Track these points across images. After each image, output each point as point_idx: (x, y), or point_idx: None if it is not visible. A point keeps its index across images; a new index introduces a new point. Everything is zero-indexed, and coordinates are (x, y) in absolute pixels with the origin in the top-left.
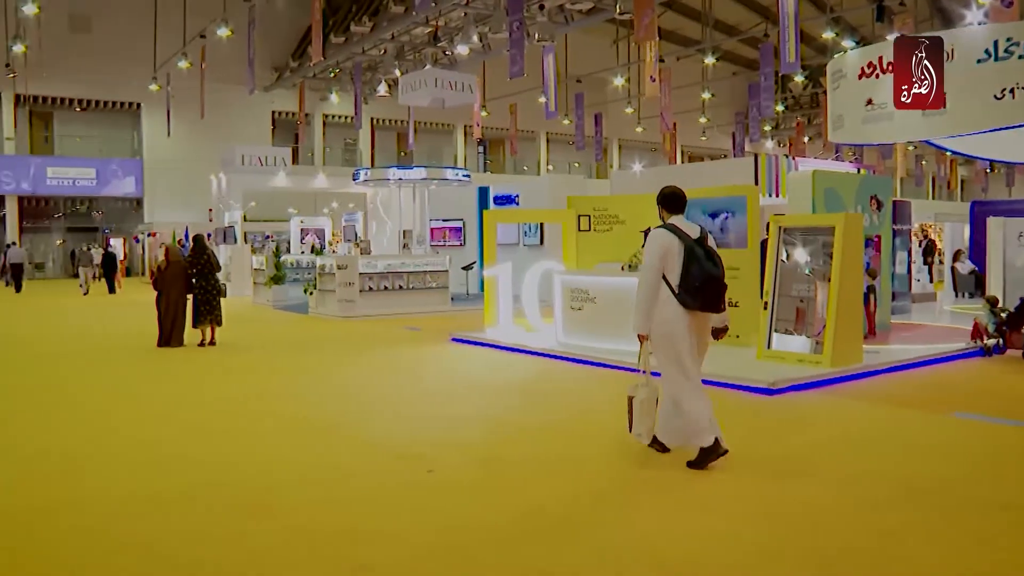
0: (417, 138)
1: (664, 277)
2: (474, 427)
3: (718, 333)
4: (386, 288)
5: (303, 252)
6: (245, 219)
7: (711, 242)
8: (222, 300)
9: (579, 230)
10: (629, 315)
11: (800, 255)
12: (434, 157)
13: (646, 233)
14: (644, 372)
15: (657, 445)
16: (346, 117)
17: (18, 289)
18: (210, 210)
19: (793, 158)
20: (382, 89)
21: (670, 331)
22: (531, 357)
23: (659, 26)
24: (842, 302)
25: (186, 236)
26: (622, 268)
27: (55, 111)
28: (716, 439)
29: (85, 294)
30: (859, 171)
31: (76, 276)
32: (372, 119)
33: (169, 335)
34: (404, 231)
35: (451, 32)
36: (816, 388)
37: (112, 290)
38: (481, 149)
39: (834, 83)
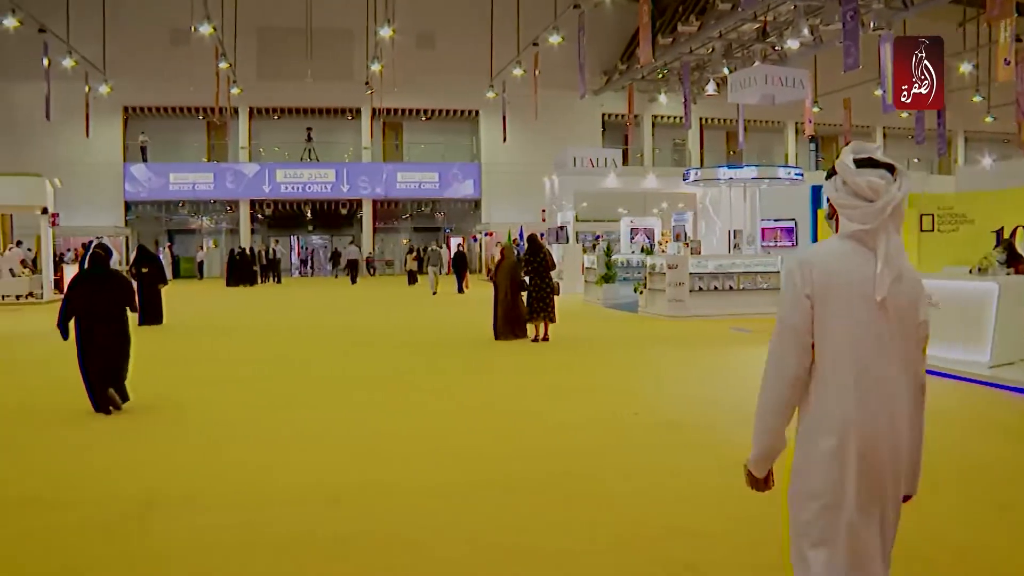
0: (747, 137)
1: None
2: None
3: None
4: (716, 288)
5: (632, 251)
6: (577, 219)
7: None
8: (555, 298)
9: (921, 230)
10: (977, 324)
11: None
12: (764, 156)
13: (998, 234)
14: None
15: None
16: (675, 117)
17: (353, 281)
18: (543, 210)
19: None
20: (711, 88)
21: None
22: None
23: (1017, 1)
24: None
25: (520, 236)
26: (970, 271)
27: (404, 121)
28: None
29: (434, 294)
30: None
31: (422, 274)
32: (701, 119)
33: (504, 328)
34: (734, 231)
35: (780, 27)
36: None
37: (461, 289)
38: (813, 147)
39: None
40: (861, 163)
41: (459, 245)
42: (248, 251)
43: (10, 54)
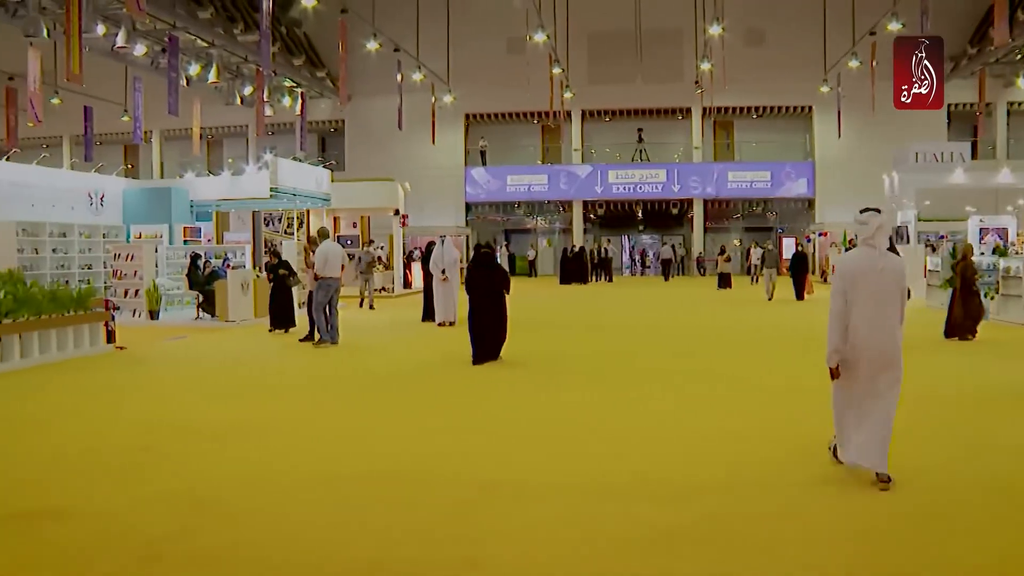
0: None
1: None
2: None
3: None
4: None
5: (982, 253)
6: (919, 219)
7: None
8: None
9: None
10: None
11: None
12: None
13: None
14: None
15: None
16: None
17: (666, 279)
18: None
19: None
20: None
21: None
22: None
23: None
24: None
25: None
26: None
27: (735, 120)
28: None
29: (769, 299)
30: None
31: (749, 272)
32: None
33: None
34: None
35: None
36: None
37: (800, 295)
38: None
39: None
40: (863, 211)
41: (798, 246)
42: (581, 250)
43: (370, 72)
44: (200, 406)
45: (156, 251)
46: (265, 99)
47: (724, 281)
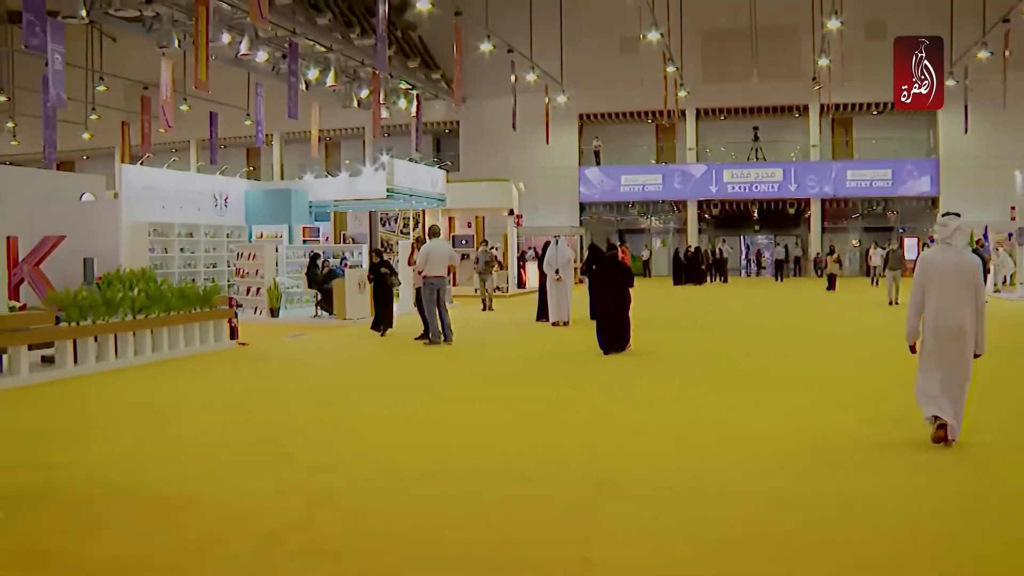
0: None
1: None
2: None
3: None
4: None
5: None
6: None
7: None
8: None
9: None
10: None
11: None
12: None
13: None
14: None
15: None
16: None
17: (779, 279)
18: (1012, 208)
19: None
20: None
21: None
22: None
23: None
24: None
25: (985, 236)
26: None
27: (854, 117)
28: None
29: (892, 303)
30: None
31: (868, 274)
32: None
33: None
34: None
35: None
36: None
37: None
38: None
39: None
40: (944, 214)
41: (922, 246)
42: (696, 250)
43: (484, 74)
44: (319, 401)
45: (277, 250)
46: (381, 101)
47: (832, 283)
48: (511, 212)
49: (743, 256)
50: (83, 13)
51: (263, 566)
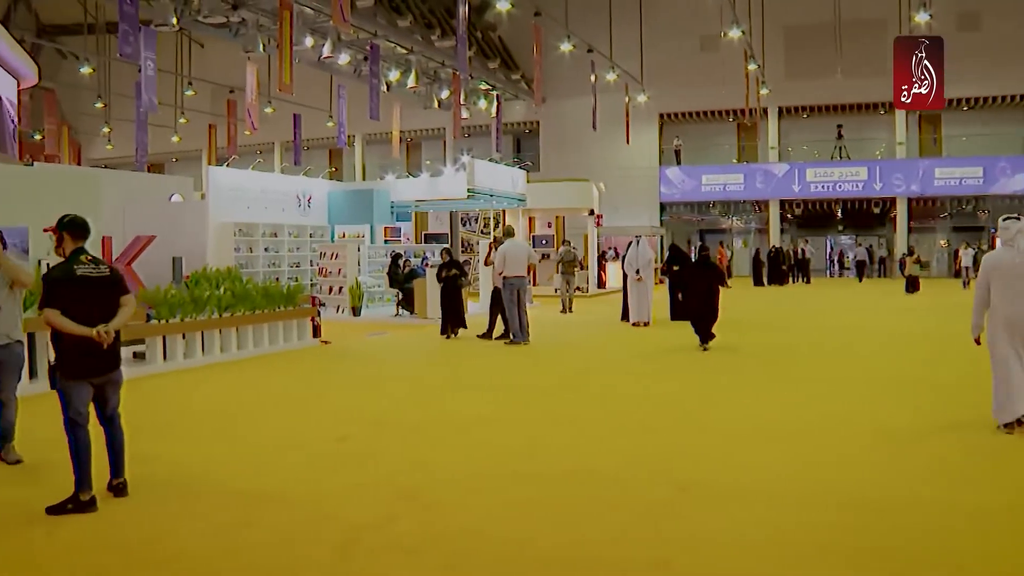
0: None
1: None
2: None
3: None
4: None
5: None
6: None
7: None
8: None
9: None
10: None
11: None
12: None
13: None
14: None
15: None
16: None
17: (860, 280)
18: None
19: None
20: None
21: None
22: None
23: None
24: None
25: None
26: None
27: (943, 113)
28: None
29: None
30: None
31: (957, 276)
32: None
33: None
34: None
35: None
36: None
37: None
38: None
39: None
40: (1005, 218)
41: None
42: (777, 251)
43: (564, 74)
44: (399, 400)
45: (359, 250)
46: (461, 102)
47: (912, 285)
48: (591, 212)
49: (827, 257)
50: (173, 21)
51: (345, 561)
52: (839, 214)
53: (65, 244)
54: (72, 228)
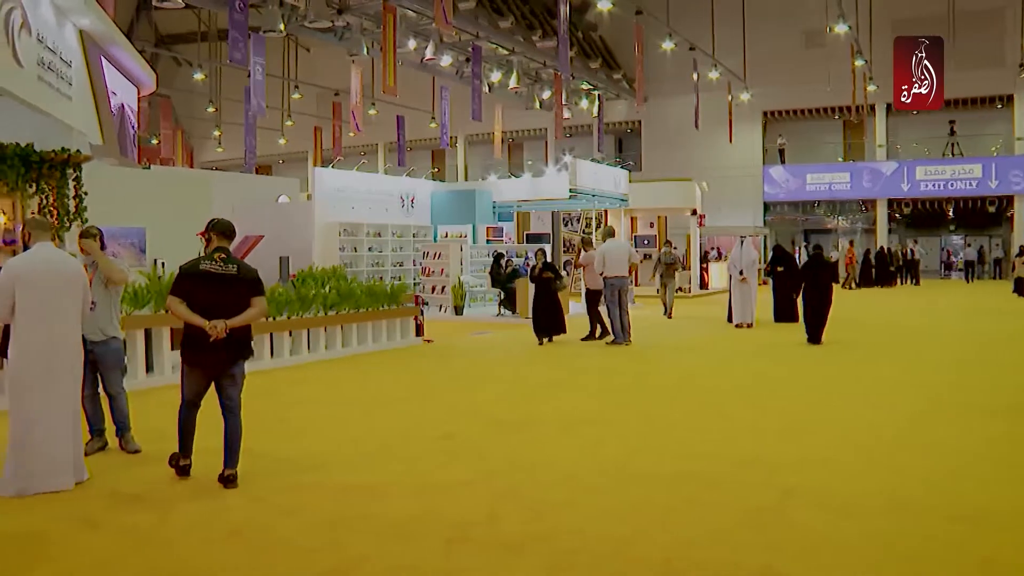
0: None
1: None
2: None
3: None
4: None
5: None
6: None
7: None
8: None
9: None
10: None
11: None
12: None
13: None
14: None
15: None
16: None
17: (968, 281)
18: None
19: None
20: None
21: None
22: None
23: None
24: None
25: None
26: None
27: None
28: None
29: None
30: None
31: None
32: None
33: None
34: None
35: None
36: None
37: None
38: None
39: None
40: None
41: None
42: (884, 251)
43: (665, 73)
44: (502, 398)
45: (461, 250)
46: (563, 102)
47: (1021, 286)
48: (694, 212)
49: (940, 258)
50: (281, 27)
51: (451, 558)
52: (950, 213)
53: (211, 244)
54: (217, 229)
